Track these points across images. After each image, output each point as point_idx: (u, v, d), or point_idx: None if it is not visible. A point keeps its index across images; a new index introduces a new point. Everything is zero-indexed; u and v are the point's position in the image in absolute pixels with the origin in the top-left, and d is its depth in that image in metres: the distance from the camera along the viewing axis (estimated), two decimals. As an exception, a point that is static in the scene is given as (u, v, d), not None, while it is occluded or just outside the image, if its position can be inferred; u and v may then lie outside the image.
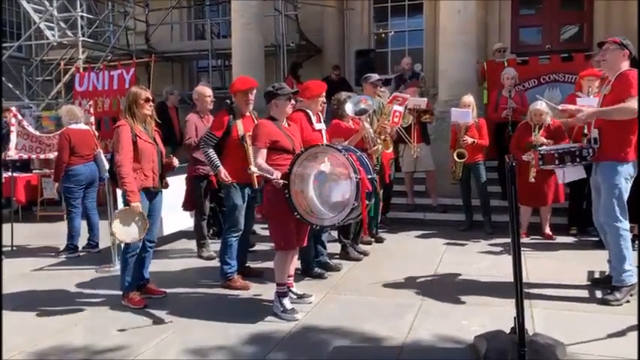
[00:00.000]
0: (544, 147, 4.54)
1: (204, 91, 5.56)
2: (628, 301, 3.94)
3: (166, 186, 4.31)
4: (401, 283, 4.60)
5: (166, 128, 6.28)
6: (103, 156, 5.75)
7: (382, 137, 5.34)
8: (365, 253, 5.59)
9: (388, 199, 6.83)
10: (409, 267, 5.12)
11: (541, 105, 5.87)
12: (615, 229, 4.00)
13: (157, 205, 4.26)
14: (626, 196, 3.99)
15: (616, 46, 3.99)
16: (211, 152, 4.47)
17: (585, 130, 5.02)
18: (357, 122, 5.13)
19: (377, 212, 5.74)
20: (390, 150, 5.79)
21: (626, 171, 3.96)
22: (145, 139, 4.07)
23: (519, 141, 6.01)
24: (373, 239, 6.14)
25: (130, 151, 3.96)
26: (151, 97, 4.13)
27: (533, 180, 5.73)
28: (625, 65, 3.96)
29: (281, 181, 3.70)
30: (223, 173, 4.41)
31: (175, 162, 4.35)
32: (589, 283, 4.45)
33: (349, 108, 4.82)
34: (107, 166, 4.81)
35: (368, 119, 5.15)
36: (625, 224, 4.00)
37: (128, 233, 3.89)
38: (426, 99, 6.85)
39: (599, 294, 4.09)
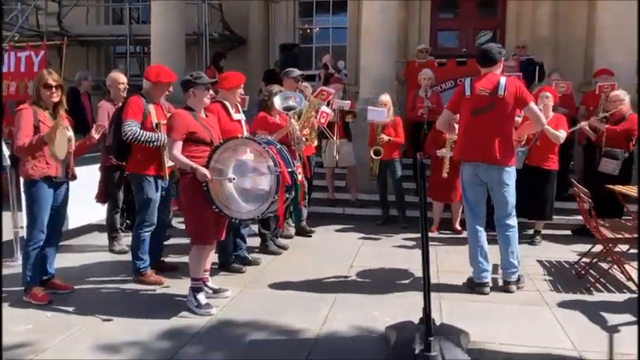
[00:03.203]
0: None
1: (118, 77, 5.32)
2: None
3: (73, 178, 4.09)
4: (318, 276, 4.66)
5: (78, 115, 5.97)
6: (3, 143, 5.36)
7: (307, 132, 5.38)
8: (284, 247, 5.60)
9: (309, 193, 6.88)
10: (327, 260, 5.20)
11: None
12: None
13: (61, 196, 4.04)
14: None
15: None
16: (143, 134, 4.23)
17: None
18: (283, 117, 5.13)
19: (297, 206, 5.76)
20: (315, 144, 5.83)
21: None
22: (49, 124, 3.83)
23: (436, 138, 6.26)
24: (300, 234, 6.19)
25: (29, 136, 3.73)
26: (54, 84, 3.86)
27: (446, 175, 6.01)
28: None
29: (207, 172, 3.61)
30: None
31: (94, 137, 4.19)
32: (495, 275, 4.72)
33: (277, 102, 4.83)
34: (8, 153, 4.51)
35: (295, 116, 5.15)
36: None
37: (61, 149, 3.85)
38: (349, 101, 6.98)
39: (513, 287, 4.32)
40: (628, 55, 7.27)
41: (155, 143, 4.26)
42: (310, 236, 6.22)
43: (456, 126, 4.62)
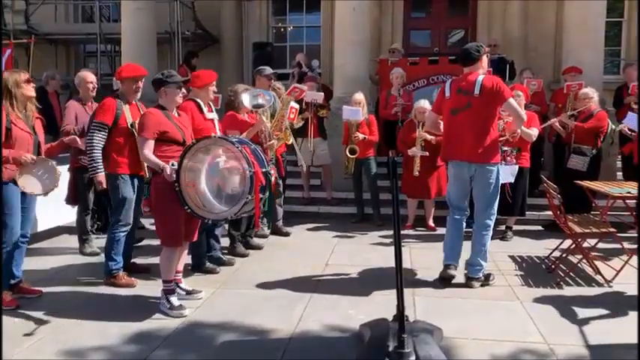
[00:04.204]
0: None
1: (86, 76, 5.23)
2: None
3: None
4: (293, 276, 4.64)
5: (46, 115, 5.82)
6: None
7: (282, 129, 5.35)
8: (259, 247, 5.57)
9: (283, 192, 6.85)
10: (302, 259, 5.19)
11: (424, 103, 6.23)
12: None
13: (30, 198, 3.94)
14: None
15: None
16: (97, 151, 4.26)
17: None
18: (252, 116, 5.10)
19: (272, 206, 5.72)
20: (291, 141, 5.79)
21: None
22: (21, 126, 3.76)
23: (405, 137, 6.32)
24: (276, 234, 6.15)
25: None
26: (30, 78, 3.86)
27: (417, 174, 6.07)
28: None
29: (173, 174, 3.57)
30: (99, 181, 4.30)
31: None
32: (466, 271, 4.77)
33: (246, 100, 4.80)
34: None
35: (265, 113, 5.13)
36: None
37: (33, 185, 3.74)
38: (322, 94, 6.97)
39: (475, 284, 4.38)
40: (595, 53, 7.45)
41: (93, 169, 4.29)
42: (286, 235, 6.20)
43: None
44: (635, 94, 6.65)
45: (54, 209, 5.38)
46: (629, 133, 6.16)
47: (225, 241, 5.28)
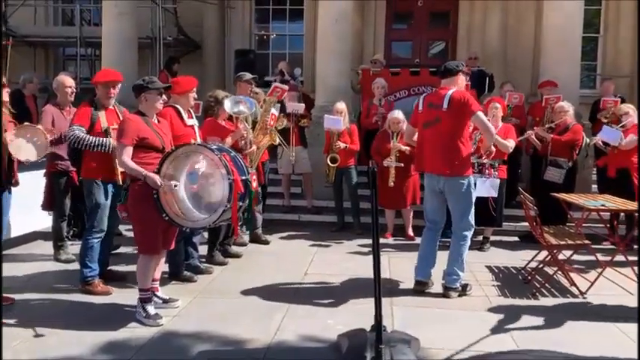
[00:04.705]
0: None
1: (65, 80, 5.16)
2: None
3: (16, 184, 3.94)
4: (272, 284, 4.63)
5: (22, 119, 5.74)
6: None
7: (267, 132, 5.35)
8: (237, 255, 5.54)
9: (263, 200, 6.84)
10: (281, 268, 5.17)
11: (398, 114, 6.30)
12: None
13: (2, 203, 3.87)
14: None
15: None
16: (87, 138, 4.22)
17: None
18: (229, 124, 5.10)
19: (251, 214, 5.68)
20: (278, 141, 5.77)
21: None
22: None
23: (380, 147, 6.37)
24: (255, 242, 6.12)
25: None
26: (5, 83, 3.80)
27: (392, 184, 6.13)
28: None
29: (158, 178, 3.53)
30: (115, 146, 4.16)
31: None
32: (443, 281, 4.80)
33: (227, 106, 4.79)
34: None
35: (246, 120, 5.11)
36: None
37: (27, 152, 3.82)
38: (303, 105, 7.02)
39: (453, 294, 4.40)
40: (572, 68, 7.60)
41: (100, 148, 4.23)
42: (265, 244, 6.17)
43: None
44: (606, 108, 6.83)
45: (28, 214, 5.29)
46: (603, 146, 6.29)
47: (203, 249, 5.23)
